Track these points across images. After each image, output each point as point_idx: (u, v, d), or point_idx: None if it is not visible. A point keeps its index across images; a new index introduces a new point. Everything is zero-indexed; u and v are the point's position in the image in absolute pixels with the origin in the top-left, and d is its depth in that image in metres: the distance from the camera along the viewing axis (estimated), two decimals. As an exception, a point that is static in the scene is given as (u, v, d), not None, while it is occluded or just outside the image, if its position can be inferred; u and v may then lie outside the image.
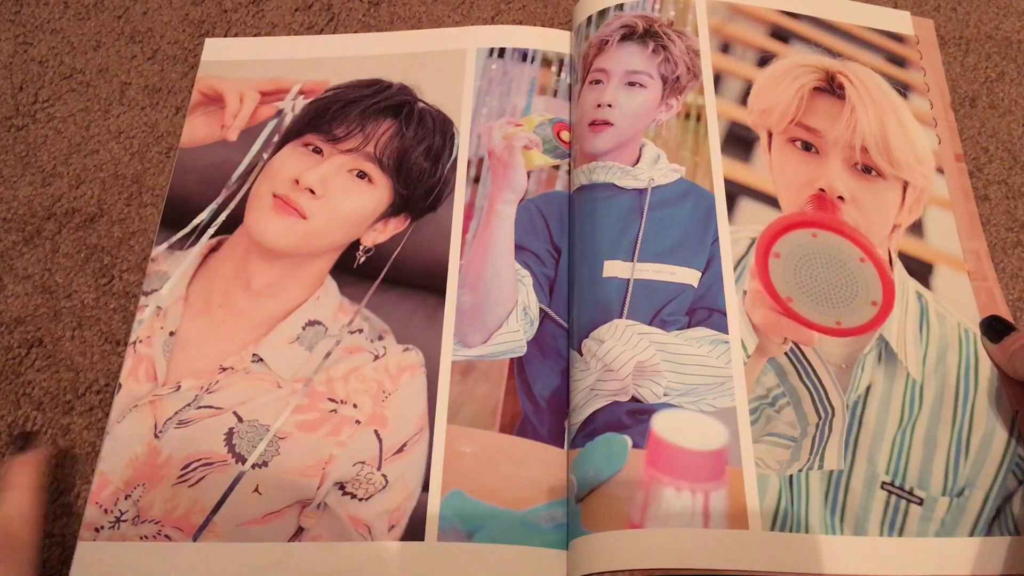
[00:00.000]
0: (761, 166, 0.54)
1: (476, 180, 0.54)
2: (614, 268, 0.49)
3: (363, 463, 0.46)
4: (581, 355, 0.47)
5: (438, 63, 0.58)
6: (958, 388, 0.48)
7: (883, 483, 0.45)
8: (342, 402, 0.47)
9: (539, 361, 0.48)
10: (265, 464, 0.46)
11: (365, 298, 0.50)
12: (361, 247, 0.52)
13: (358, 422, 0.47)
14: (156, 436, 0.46)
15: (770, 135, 0.55)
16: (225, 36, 0.61)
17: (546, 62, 0.57)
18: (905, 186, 0.53)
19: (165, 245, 0.52)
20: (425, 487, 0.45)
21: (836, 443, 0.46)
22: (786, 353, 0.48)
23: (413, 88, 0.57)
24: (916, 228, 0.53)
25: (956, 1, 0.59)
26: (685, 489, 0.43)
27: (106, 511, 0.45)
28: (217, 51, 0.59)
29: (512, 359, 0.48)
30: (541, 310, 0.50)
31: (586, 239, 0.51)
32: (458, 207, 0.53)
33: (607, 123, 0.54)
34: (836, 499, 0.44)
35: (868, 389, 0.47)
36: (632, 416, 0.45)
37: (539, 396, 0.48)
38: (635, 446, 0.44)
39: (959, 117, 0.55)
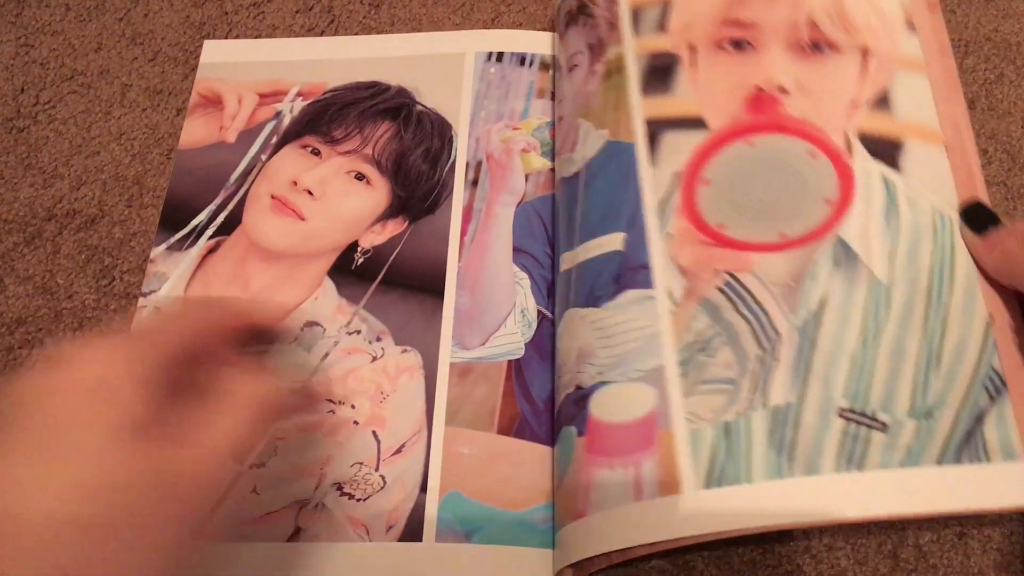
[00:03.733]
0: (684, 90, 0.48)
1: (474, 183, 0.54)
2: (565, 260, 0.48)
3: (361, 464, 0.46)
4: None
5: (436, 66, 0.58)
6: (931, 287, 0.41)
7: (840, 410, 0.39)
8: (340, 403, 0.47)
9: (537, 363, 0.48)
10: (263, 464, 0.46)
11: (363, 299, 0.51)
12: (359, 248, 0.52)
13: (356, 423, 0.47)
14: (154, 436, 0.47)
15: (692, 50, 0.49)
16: (226, 38, 0.61)
17: (544, 66, 0.57)
18: (866, 53, 0.46)
19: (164, 246, 0.53)
20: (423, 488, 0.45)
21: (783, 374, 0.40)
22: (719, 288, 0.43)
23: (411, 91, 0.57)
24: (881, 101, 0.45)
25: (955, 3, 0.59)
26: (617, 466, 0.40)
27: (104, 511, 0.45)
28: (216, 53, 0.60)
29: (510, 361, 0.48)
30: (539, 312, 0.50)
31: (556, 238, 0.50)
32: (456, 209, 0.53)
33: (560, 118, 0.53)
34: (784, 438, 0.39)
35: (822, 303, 0.41)
36: (576, 405, 0.43)
37: (537, 398, 0.48)
38: (579, 434, 0.42)
39: (958, 119, 0.55)
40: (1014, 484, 0.37)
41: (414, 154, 0.54)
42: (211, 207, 0.54)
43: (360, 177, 0.53)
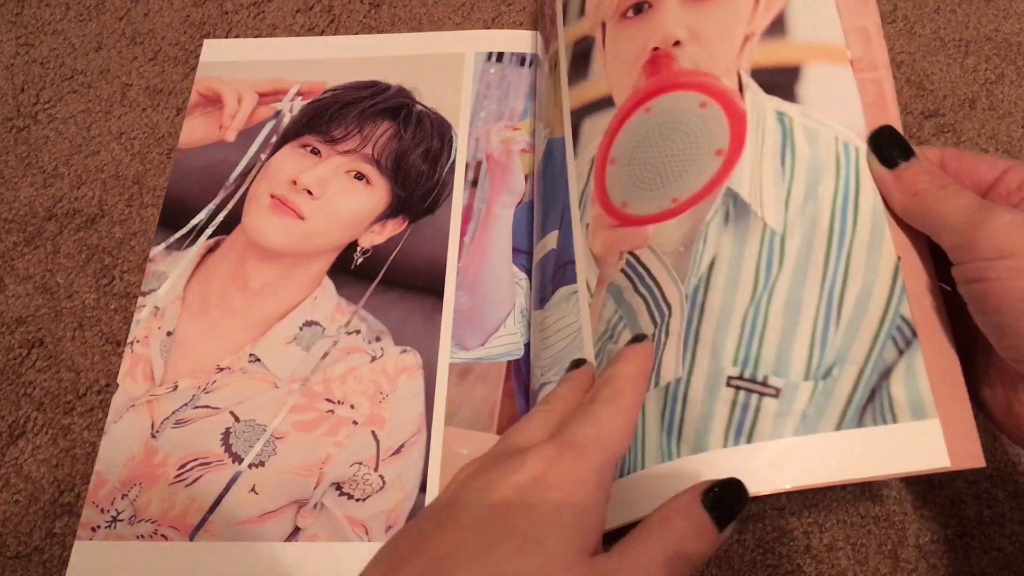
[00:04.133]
0: (597, 71, 0.45)
1: (474, 183, 0.54)
2: (534, 262, 0.49)
3: (360, 464, 0.46)
4: None
5: (436, 66, 0.58)
6: (832, 229, 0.36)
7: (729, 378, 0.35)
8: (339, 403, 0.47)
9: (536, 362, 0.48)
10: (262, 464, 0.46)
11: (363, 299, 0.50)
12: (359, 248, 0.52)
13: (355, 423, 0.47)
14: (153, 436, 0.47)
15: (604, 27, 0.45)
16: (226, 37, 0.61)
17: (545, 64, 0.58)
18: None
19: (163, 245, 0.53)
20: (423, 488, 0.45)
21: (673, 348, 0.36)
22: (622, 269, 0.39)
23: (411, 91, 0.57)
24: (776, 26, 0.40)
25: (956, 3, 0.59)
26: None
27: (103, 510, 0.45)
28: (215, 52, 0.60)
29: (509, 361, 0.48)
30: (538, 312, 0.50)
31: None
32: (456, 210, 0.53)
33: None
34: (673, 417, 0.35)
35: (711, 265, 0.37)
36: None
37: (536, 399, 0.47)
38: None
39: (958, 119, 0.55)
40: (924, 445, 0.32)
41: (414, 154, 0.54)
42: (210, 206, 0.54)
43: (360, 177, 0.53)
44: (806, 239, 0.36)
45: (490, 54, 0.58)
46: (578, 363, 0.40)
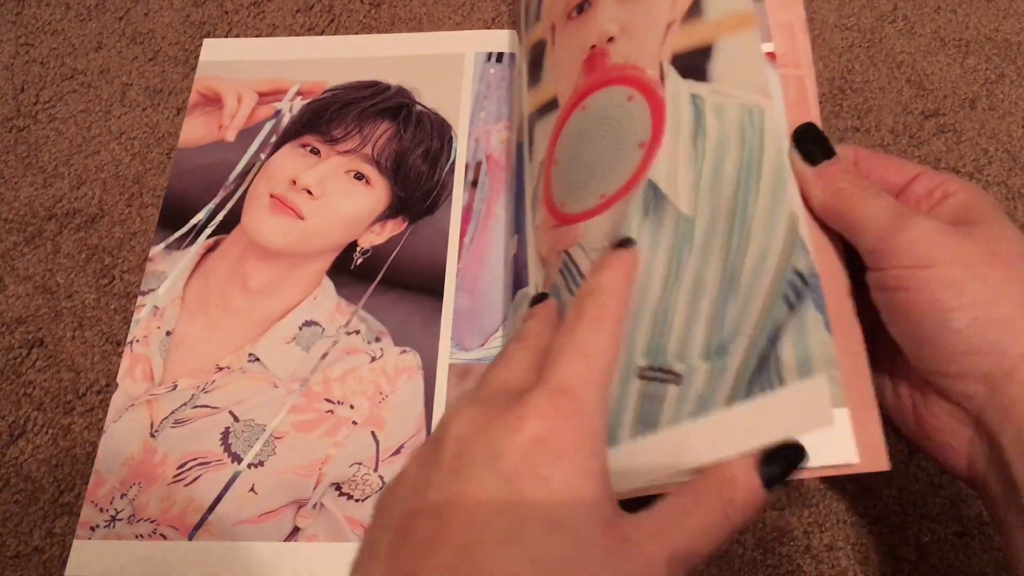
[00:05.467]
0: (547, 74, 0.45)
1: (474, 184, 0.54)
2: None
3: (360, 464, 0.46)
4: None
5: (436, 66, 0.58)
6: (736, 199, 0.34)
7: (639, 369, 0.34)
8: (339, 403, 0.47)
9: (536, 362, 0.48)
10: (261, 464, 0.46)
11: (362, 299, 0.50)
12: (358, 248, 0.52)
13: (355, 423, 0.47)
14: (152, 435, 0.47)
15: (554, 30, 0.45)
16: (226, 37, 0.61)
17: (545, 64, 0.57)
18: None
19: (162, 245, 0.53)
20: (421, 488, 0.45)
21: None
22: (560, 269, 0.39)
23: (411, 91, 0.57)
24: (693, 10, 0.38)
25: (956, 3, 0.59)
26: None
27: (102, 510, 0.45)
28: (215, 51, 0.60)
29: (509, 360, 0.48)
30: (538, 311, 0.50)
31: None
32: (456, 210, 0.53)
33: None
34: None
35: None
36: None
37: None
38: None
39: (958, 119, 0.55)
40: (810, 406, 0.30)
41: (414, 154, 0.54)
42: (210, 206, 0.54)
43: (359, 177, 0.53)
44: (712, 215, 0.34)
45: (490, 54, 0.58)
46: (540, 297, 0.39)
